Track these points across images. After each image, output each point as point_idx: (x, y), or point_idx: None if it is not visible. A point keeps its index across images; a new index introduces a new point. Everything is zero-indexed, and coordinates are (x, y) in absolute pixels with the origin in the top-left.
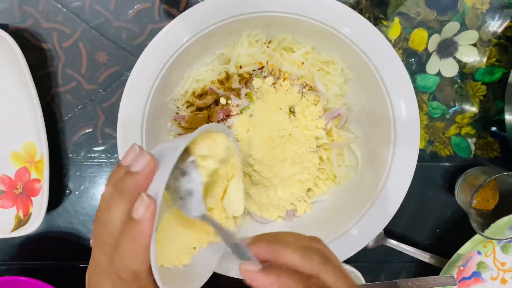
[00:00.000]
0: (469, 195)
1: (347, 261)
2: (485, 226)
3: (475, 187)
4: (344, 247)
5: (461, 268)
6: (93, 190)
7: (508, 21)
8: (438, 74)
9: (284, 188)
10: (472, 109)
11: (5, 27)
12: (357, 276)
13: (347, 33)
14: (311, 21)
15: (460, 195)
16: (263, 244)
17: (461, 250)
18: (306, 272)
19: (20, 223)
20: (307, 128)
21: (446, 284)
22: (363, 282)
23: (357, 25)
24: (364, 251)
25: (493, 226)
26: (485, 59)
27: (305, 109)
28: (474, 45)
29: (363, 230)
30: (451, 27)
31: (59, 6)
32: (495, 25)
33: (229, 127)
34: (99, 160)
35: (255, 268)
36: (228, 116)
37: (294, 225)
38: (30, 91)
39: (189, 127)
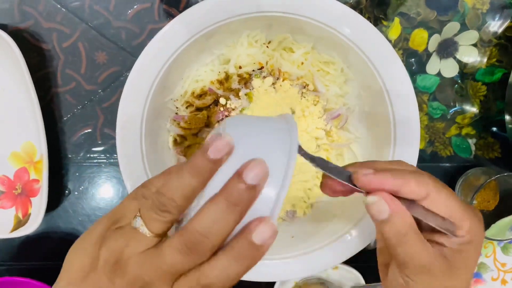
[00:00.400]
0: (470, 195)
1: (347, 262)
2: (485, 226)
3: (475, 187)
4: (344, 248)
5: None
6: (93, 190)
7: (508, 21)
8: (438, 74)
9: None
10: (472, 109)
11: (4, 27)
12: (357, 277)
13: (347, 34)
14: (311, 21)
15: (460, 196)
16: (358, 163)
17: None
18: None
19: (19, 223)
20: (306, 129)
21: None
22: (363, 283)
23: (357, 25)
24: (365, 251)
25: (494, 227)
26: (485, 60)
27: (305, 109)
28: (475, 45)
29: (363, 231)
30: (452, 27)
31: (59, 6)
32: (496, 25)
33: None
34: (99, 160)
35: (369, 171)
36: (227, 116)
37: (294, 226)
38: (29, 92)
39: (188, 128)
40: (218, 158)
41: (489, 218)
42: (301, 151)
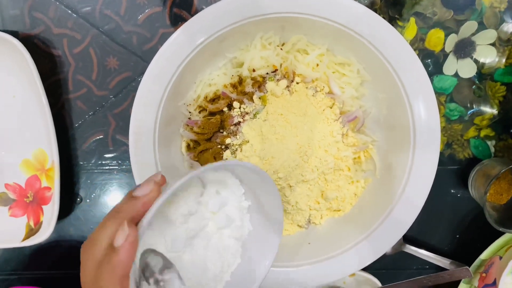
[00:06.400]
0: (484, 185)
1: (365, 269)
2: (497, 220)
3: (490, 177)
4: (363, 254)
5: (483, 275)
6: (105, 197)
7: None
8: (456, 75)
9: (302, 198)
10: (491, 110)
11: (15, 34)
12: (375, 283)
13: (365, 34)
14: (326, 21)
15: (474, 184)
16: None
17: (482, 256)
18: None
19: (31, 232)
20: (323, 132)
21: (461, 277)
22: None
23: (375, 26)
24: (383, 257)
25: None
26: (504, 59)
27: (320, 112)
28: (493, 44)
29: (379, 239)
30: (469, 27)
31: (69, 12)
32: None
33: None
34: (110, 167)
35: None
36: (241, 120)
37: (310, 233)
38: (40, 98)
39: (202, 132)
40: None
41: (500, 212)
42: None
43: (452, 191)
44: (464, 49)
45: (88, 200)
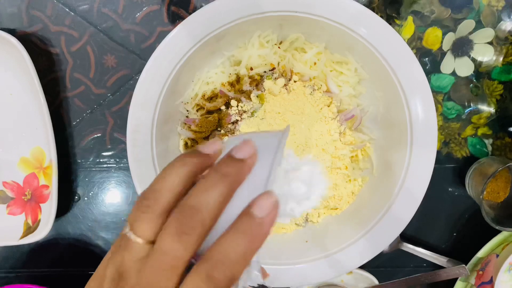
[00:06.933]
0: (481, 183)
1: (362, 267)
2: (494, 218)
3: (487, 175)
4: (359, 253)
5: (480, 272)
6: (102, 195)
7: None
8: (453, 73)
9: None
10: (488, 109)
11: (12, 32)
12: (372, 281)
13: (363, 33)
14: (324, 20)
15: (471, 182)
16: None
17: (479, 253)
18: None
19: (29, 230)
20: (320, 131)
21: (457, 275)
22: None
23: (373, 25)
24: (380, 255)
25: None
26: (501, 58)
27: (318, 111)
28: (490, 43)
29: (377, 237)
30: (466, 25)
31: (67, 9)
32: None
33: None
34: (108, 165)
35: None
36: (239, 119)
37: (308, 231)
38: (38, 96)
39: (200, 131)
40: (207, 153)
41: (497, 210)
42: None
43: (449, 189)
44: (462, 47)
45: (86, 198)
